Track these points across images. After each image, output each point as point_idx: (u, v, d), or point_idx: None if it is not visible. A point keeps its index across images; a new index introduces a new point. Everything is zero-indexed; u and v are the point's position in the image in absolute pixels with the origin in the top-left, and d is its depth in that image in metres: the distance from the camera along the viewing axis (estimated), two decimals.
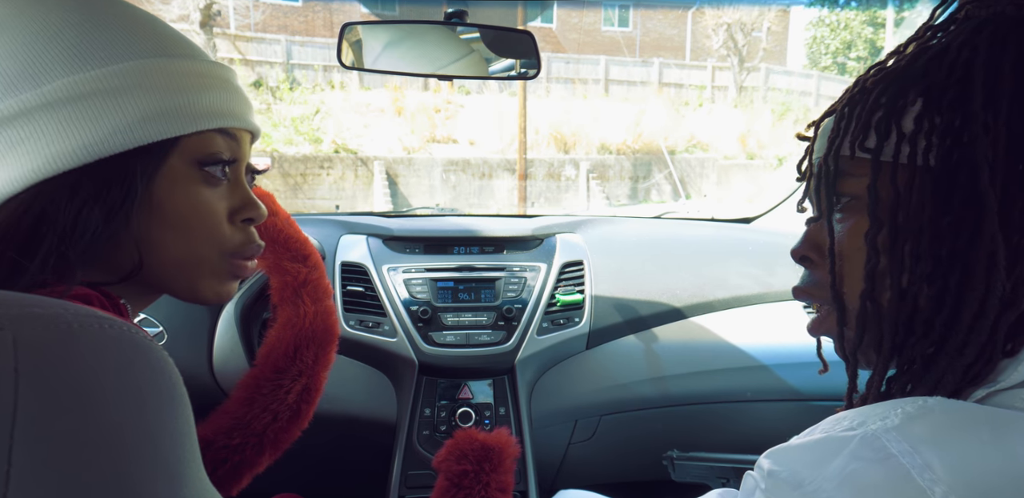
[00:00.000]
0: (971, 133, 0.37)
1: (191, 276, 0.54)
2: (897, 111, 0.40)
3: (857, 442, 0.33)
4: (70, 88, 0.46)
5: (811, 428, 0.38)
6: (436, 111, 11.32)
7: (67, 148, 0.46)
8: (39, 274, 0.45)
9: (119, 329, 0.31)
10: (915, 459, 0.30)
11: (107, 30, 0.48)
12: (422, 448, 1.14)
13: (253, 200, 0.59)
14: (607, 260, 1.34)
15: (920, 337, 0.40)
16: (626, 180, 11.23)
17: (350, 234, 1.31)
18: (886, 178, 0.40)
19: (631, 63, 14.13)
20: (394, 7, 1.26)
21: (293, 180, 9.60)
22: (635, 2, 15.19)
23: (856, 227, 0.43)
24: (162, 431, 0.32)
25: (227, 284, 0.58)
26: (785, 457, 0.37)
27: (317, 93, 11.48)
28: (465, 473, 0.79)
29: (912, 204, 0.39)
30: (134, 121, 0.48)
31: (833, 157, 0.43)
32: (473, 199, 10.22)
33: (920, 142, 0.38)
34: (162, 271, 0.53)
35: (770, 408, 1.33)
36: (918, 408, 0.33)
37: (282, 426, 0.80)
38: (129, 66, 0.48)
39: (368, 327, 1.20)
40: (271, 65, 11.76)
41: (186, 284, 0.55)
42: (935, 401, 0.34)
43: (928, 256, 0.38)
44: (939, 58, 0.40)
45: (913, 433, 0.31)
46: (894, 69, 0.42)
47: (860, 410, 0.36)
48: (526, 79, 1.16)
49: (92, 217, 0.47)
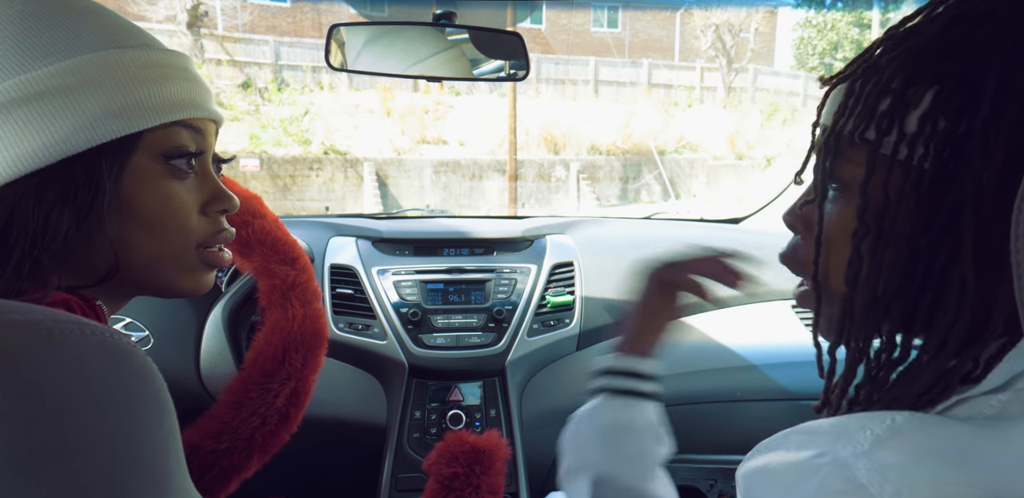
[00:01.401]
0: (968, 152, 0.34)
1: (166, 273, 0.53)
2: (904, 104, 0.37)
3: (827, 471, 0.32)
4: (22, 88, 0.44)
5: (786, 434, 0.37)
6: (426, 112, 11.30)
7: (27, 150, 0.44)
8: (14, 281, 0.44)
9: (101, 335, 0.31)
10: (885, 488, 0.30)
11: (53, 24, 0.46)
12: (412, 451, 1.13)
13: (224, 191, 0.57)
14: (597, 261, 1.34)
15: (884, 350, 0.39)
16: (616, 181, 11.26)
17: (339, 236, 1.31)
18: (880, 176, 0.38)
19: (620, 64, 14.17)
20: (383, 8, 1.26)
21: (282, 182, 9.55)
22: (624, 3, 15.26)
23: (843, 215, 0.41)
24: (146, 438, 0.31)
25: (203, 276, 0.57)
26: (759, 481, 0.37)
27: (306, 94, 11.44)
28: (456, 476, 0.78)
29: (899, 215, 0.37)
30: (94, 118, 0.46)
31: (835, 138, 0.41)
32: (463, 200, 10.21)
33: (918, 148, 0.36)
34: (136, 270, 0.51)
35: (760, 408, 1.33)
36: (886, 429, 0.32)
37: (271, 430, 0.80)
38: (81, 61, 0.46)
39: (358, 330, 1.19)
40: (259, 66, 11.70)
41: (163, 282, 0.54)
42: (903, 419, 0.33)
43: (904, 271, 0.37)
44: (962, 43, 0.36)
45: (882, 459, 0.31)
46: (917, 42, 0.38)
47: (830, 430, 0.35)
48: (515, 80, 1.16)
49: (62, 219, 0.46)
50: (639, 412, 0.63)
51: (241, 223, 0.89)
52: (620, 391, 0.64)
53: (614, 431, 0.62)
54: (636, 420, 0.62)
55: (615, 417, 0.63)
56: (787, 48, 20.64)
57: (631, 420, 0.62)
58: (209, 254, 0.56)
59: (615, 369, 0.66)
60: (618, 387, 0.64)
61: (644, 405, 0.63)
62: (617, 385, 0.64)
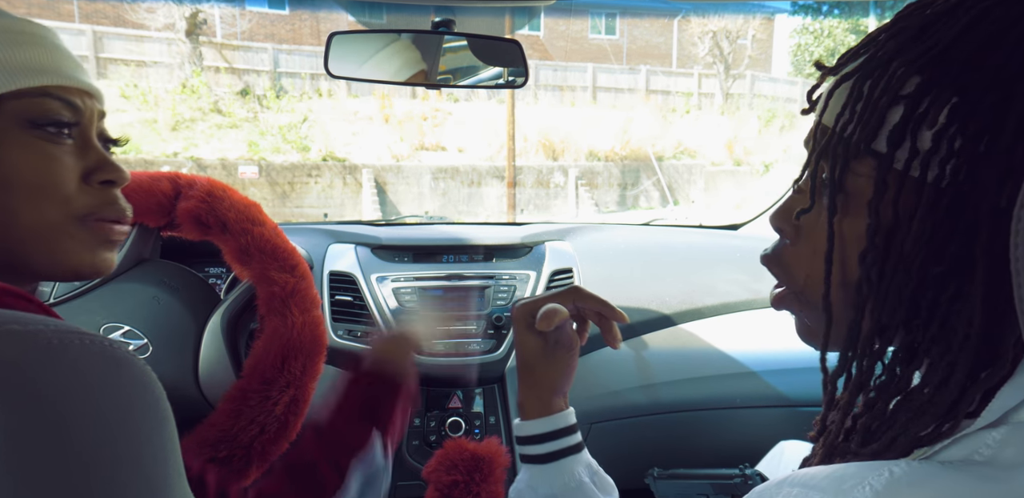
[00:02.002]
0: (985, 176, 0.31)
1: (48, 246, 0.50)
2: (917, 117, 0.33)
3: None
4: None
5: (779, 484, 0.35)
6: (424, 119, 11.34)
7: None
8: None
9: (100, 344, 0.31)
10: None
11: None
12: (412, 459, 1.13)
13: (109, 161, 0.54)
14: (596, 267, 1.34)
15: (884, 379, 0.37)
16: (615, 187, 11.28)
17: (338, 243, 1.31)
18: (891, 194, 0.34)
19: (618, 70, 14.24)
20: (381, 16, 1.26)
21: (281, 189, 9.56)
22: (622, 10, 15.34)
23: (840, 227, 0.37)
24: (145, 446, 0.31)
25: (98, 253, 0.53)
26: None
27: (305, 101, 11.48)
28: (455, 483, 0.78)
29: (908, 238, 0.34)
30: None
31: (842, 145, 0.37)
32: (462, 207, 10.23)
33: (932, 167, 0.32)
34: (16, 246, 0.48)
35: (759, 414, 1.33)
36: (885, 483, 0.31)
37: (270, 438, 0.79)
38: None
39: (357, 337, 1.19)
40: (258, 73, 11.74)
41: (46, 256, 0.50)
42: (901, 472, 0.31)
43: (909, 301, 0.34)
44: (984, 49, 0.31)
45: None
46: (932, 42, 0.33)
47: (827, 486, 0.33)
48: (514, 87, 1.16)
49: None
50: (569, 474, 0.62)
51: (240, 231, 0.89)
52: (545, 457, 0.63)
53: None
54: (569, 485, 0.62)
55: (549, 491, 0.62)
56: (784, 54, 20.75)
57: (565, 487, 0.62)
58: (98, 225, 0.53)
59: (528, 437, 0.65)
60: (541, 453, 0.64)
61: (573, 463, 0.63)
62: (540, 451, 0.64)
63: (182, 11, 10.95)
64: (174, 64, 11.13)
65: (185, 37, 11.07)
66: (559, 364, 0.66)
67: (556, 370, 0.66)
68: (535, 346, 0.65)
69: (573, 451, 0.64)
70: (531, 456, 0.64)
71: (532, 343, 0.65)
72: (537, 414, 0.65)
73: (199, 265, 1.15)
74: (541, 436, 0.64)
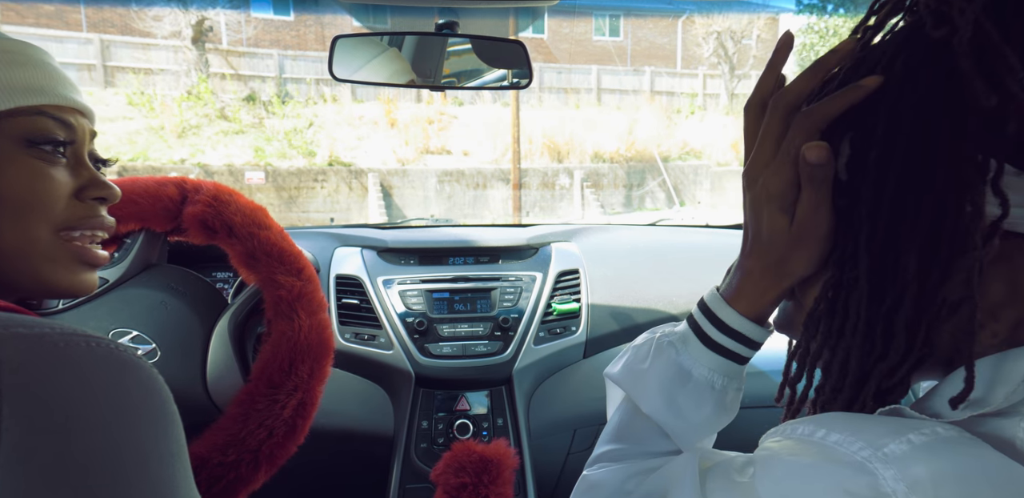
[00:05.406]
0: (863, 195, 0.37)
1: (30, 264, 0.51)
2: (837, 151, 0.39)
3: (850, 472, 0.30)
4: None
5: (810, 422, 0.35)
6: (430, 122, 11.36)
7: None
8: None
9: (107, 348, 0.31)
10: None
11: None
12: (420, 461, 1.13)
13: (100, 179, 0.56)
14: (603, 268, 1.34)
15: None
16: (620, 188, 11.27)
17: (344, 246, 1.31)
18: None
19: (623, 72, 14.23)
20: (385, 20, 1.26)
21: (287, 194, 9.60)
22: (625, 11, 15.33)
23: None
24: (152, 451, 0.31)
25: (77, 273, 0.54)
26: (773, 468, 0.35)
27: (310, 106, 11.52)
28: (464, 486, 0.78)
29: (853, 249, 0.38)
30: None
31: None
32: (468, 209, 10.24)
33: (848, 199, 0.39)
34: (2, 262, 0.49)
35: (767, 414, 1.32)
36: (924, 441, 0.30)
37: (278, 442, 0.79)
38: None
39: (364, 340, 1.19)
40: (263, 79, 11.81)
41: (30, 275, 0.51)
42: (945, 433, 0.31)
43: (862, 311, 0.38)
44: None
45: (913, 474, 0.29)
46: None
47: (860, 427, 0.33)
48: (518, 89, 1.16)
49: None
50: (734, 375, 0.53)
51: (246, 234, 0.89)
52: (721, 349, 0.52)
53: (689, 384, 0.52)
54: (716, 384, 0.52)
55: (705, 373, 0.52)
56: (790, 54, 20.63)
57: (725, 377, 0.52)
58: (76, 247, 0.54)
59: (729, 327, 0.51)
60: (721, 345, 0.52)
61: (737, 372, 0.54)
62: (723, 343, 0.52)
63: (188, 19, 11.04)
64: (180, 71, 11.21)
65: (191, 44, 11.15)
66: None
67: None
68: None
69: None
70: (734, 353, 0.53)
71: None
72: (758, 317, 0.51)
73: (206, 269, 1.16)
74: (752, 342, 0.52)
